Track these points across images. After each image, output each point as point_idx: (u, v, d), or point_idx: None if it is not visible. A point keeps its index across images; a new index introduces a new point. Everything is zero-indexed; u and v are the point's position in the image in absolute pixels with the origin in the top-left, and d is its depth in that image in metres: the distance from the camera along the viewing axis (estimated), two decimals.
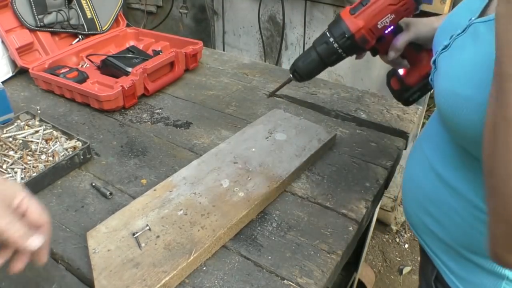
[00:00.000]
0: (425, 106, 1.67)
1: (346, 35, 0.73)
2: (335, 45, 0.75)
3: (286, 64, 1.89)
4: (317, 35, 0.78)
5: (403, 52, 0.77)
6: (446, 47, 0.58)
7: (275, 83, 1.23)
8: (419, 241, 0.74)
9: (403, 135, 1.00)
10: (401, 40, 0.74)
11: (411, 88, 0.80)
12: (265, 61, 1.94)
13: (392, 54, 0.76)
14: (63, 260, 0.69)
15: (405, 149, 1.00)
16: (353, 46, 0.75)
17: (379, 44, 0.76)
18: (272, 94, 0.89)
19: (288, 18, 1.75)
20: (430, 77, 0.65)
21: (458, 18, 0.58)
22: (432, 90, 0.73)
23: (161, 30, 2.07)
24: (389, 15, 0.71)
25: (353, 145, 0.96)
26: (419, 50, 0.77)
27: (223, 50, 2.06)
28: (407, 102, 0.83)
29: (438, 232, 0.66)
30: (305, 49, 0.78)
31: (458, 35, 0.56)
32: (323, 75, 1.84)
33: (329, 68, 0.81)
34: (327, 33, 0.76)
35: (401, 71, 0.82)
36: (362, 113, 1.08)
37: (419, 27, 0.75)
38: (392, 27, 0.74)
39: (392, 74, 0.84)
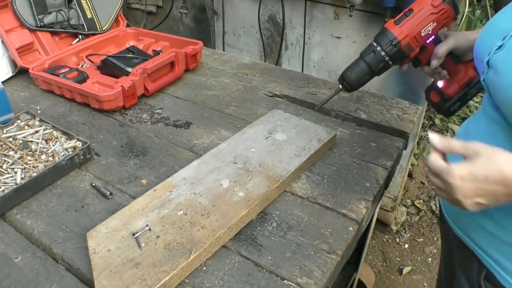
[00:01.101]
0: (425, 106, 1.67)
1: (393, 43, 0.79)
2: (382, 53, 0.80)
3: (286, 64, 1.89)
4: (317, 35, 0.80)
5: (443, 64, 0.81)
6: (500, 47, 0.61)
7: (275, 83, 1.23)
8: (464, 241, 0.75)
9: (403, 135, 1.00)
10: (442, 48, 0.79)
11: (451, 98, 0.84)
12: (265, 61, 1.94)
13: (434, 63, 0.81)
14: (63, 260, 0.69)
15: (405, 149, 1.00)
16: (399, 53, 0.80)
17: (421, 54, 0.82)
18: (320, 106, 0.93)
19: (288, 18, 1.75)
20: (482, 78, 0.67)
21: (506, 22, 0.63)
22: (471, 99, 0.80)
23: (161, 30, 2.07)
24: (431, 23, 0.77)
25: (353, 145, 0.96)
26: (457, 61, 0.82)
27: (223, 50, 2.06)
28: (448, 113, 0.87)
29: (497, 233, 0.67)
30: (354, 60, 0.84)
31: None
32: (323, 75, 1.83)
33: (329, 68, 0.82)
34: (374, 43, 0.81)
35: (440, 84, 0.86)
36: (362, 113, 1.07)
37: (457, 37, 0.80)
38: (433, 37, 0.79)
39: (430, 89, 0.89)
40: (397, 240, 2.09)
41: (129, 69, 1.13)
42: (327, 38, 1.67)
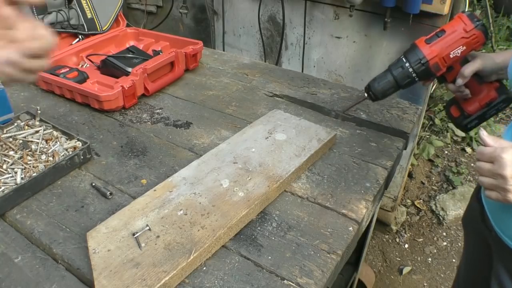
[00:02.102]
0: (425, 106, 1.67)
1: (422, 62, 0.82)
2: (410, 69, 0.83)
3: (286, 64, 1.89)
4: (317, 35, 0.81)
5: (467, 83, 0.84)
6: None
7: (275, 83, 1.23)
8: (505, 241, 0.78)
9: (403, 135, 1.00)
10: (469, 69, 0.82)
11: (470, 115, 0.88)
12: (265, 61, 1.94)
13: (459, 82, 0.83)
14: (63, 260, 0.69)
15: (405, 149, 1.00)
16: (427, 72, 0.83)
17: (448, 73, 0.85)
18: (344, 112, 0.98)
19: (288, 18, 1.75)
20: None
21: None
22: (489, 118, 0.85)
23: (161, 30, 2.07)
24: (461, 46, 0.80)
25: (353, 145, 0.96)
26: (481, 82, 0.85)
27: (223, 50, 2.06)
28: (465, 129, 0.91)
29: None
30: (382, 72, 0.88)
31: None
32: (323, 75, 1.83)
33: (329, 68, 0.84)
34: (403, 58, 0.84)
35: (461, 101, 0.90)
36: (362, 113, 1.07)
37: (484, 59, 0.83)
38: (460, 60, 0.83)
39: (451, 103, 0.93)
40: (397, 240, 2.09)
41: (129, 69, 1.13)
42: (327, 38, 1.67)
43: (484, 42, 0.81)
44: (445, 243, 2.07)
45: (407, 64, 0.83)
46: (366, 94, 0.90)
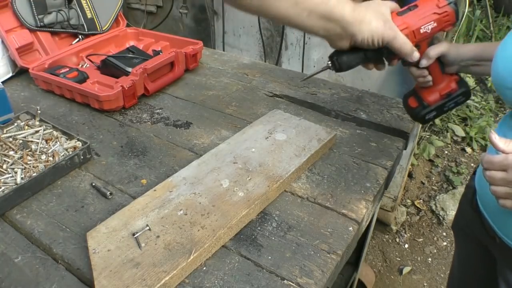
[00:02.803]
0: None
1: None
2: None
3: (286, 64, 1.89)
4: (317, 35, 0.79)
5: (430, 69, 0.84)
6: None
7: (275, 83, 1.23)
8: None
9: (403, 135, 1.00)
10: (435, 50, 0.82)
11: (429, 106, 0.88)
12: (265, 61, 1.94)
13: (424, 62, 0.82)
14: (63, 260, 0.69)
15: (405, 149, 1.00)
16: None
17: None
18: (302, 80, 0.95)
19: None
20: None
21: None
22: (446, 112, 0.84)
23: (161, 30, 2.07)
24: (432, 22, 0.79)
25: (353, 145, 0.96)
26: (443, 69, 0.85)
27: (223, 50, 2.06)
28: (423, 120, 0.90)
29: None
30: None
31: None
32: (323, 75, 1.83)
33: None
34: None
35: (421, 90, 0.89)
36: (362, 113, 1.07)
37: (449, 45, 0.83)
38: (429, 38, 0.81)
39: (409, 95, 0.92)
40: (397, 240, 2.09)
41: (129, 69, 1.13)
42: None
43: (454, 23, 0.80)
44: (445, 243, 2.07)
45: None
46: (329, 63, 0.83)
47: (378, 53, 0.79)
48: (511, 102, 0.70)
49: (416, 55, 0.78)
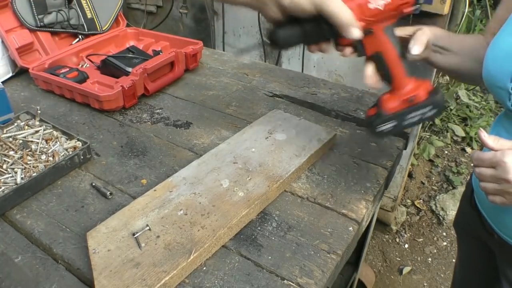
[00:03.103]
0: None
1: None
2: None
3: (286, 64, 1.89)
4: None
5: (388, 64, 0.69)
6: None
7: (275, 83, 1.23)
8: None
9: (403, 135, 1.00)
10: (425, 32, 0.73)
11: (384, 115, 0.71)
12: (265, 61, 1.94)
13: (416, 49, 0.72)
14: (63, 260, 0.69)
15: (405, 149, 1.00)
16: None
17: (366, 38, 0.67)
18: (240, 51, 0.85)
19: None
20: (510, 104, 0.67)
21: None
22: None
23: (161, 30, 2.07)
24: None
25: (353, 145, 0.96)
26: (409, 72, 0.70)
27: (223, 50, 2.06)
28: (374, 131, 0.73)
29: None
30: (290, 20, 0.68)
31: None
32: (323, 75, 1.82)
33: (329, 68, 0.82)
34: None
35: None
36: (362, 113, 1.07)
37: (435, 29, 0.76)
38: (384, 23, 0.66)
39: (372, 106, 0.77)
40: (397, 240, 2.09)
41: (129, 69, 1.13)
42: None
43: (414, 3, 0.65)
44: (445, 243, 2.07)
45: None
46: (267, 38, 0.70)
47: (318, 27, 0.64)
48: (502, 101, 0.70)
49: (356, 31, 0.61)
